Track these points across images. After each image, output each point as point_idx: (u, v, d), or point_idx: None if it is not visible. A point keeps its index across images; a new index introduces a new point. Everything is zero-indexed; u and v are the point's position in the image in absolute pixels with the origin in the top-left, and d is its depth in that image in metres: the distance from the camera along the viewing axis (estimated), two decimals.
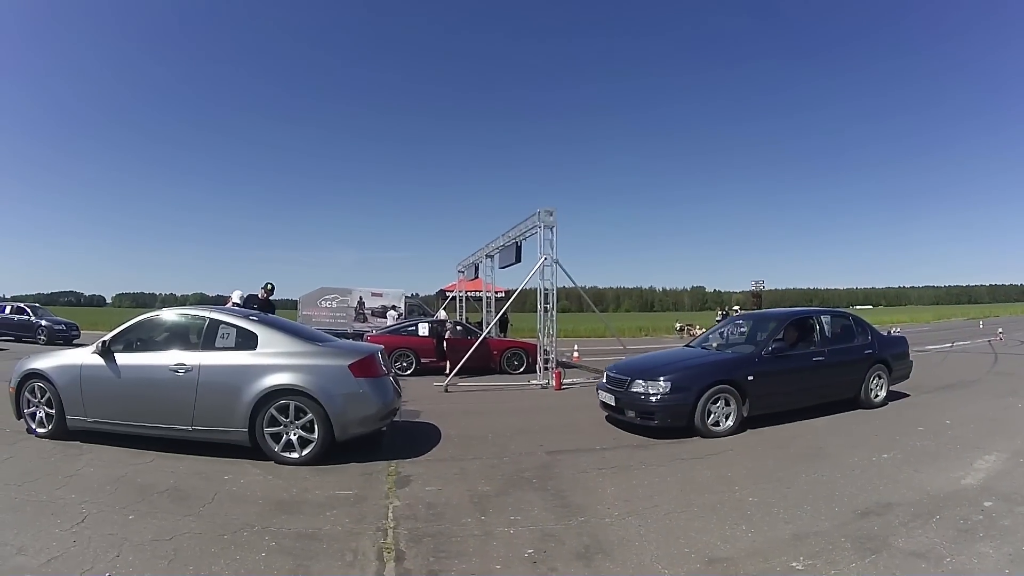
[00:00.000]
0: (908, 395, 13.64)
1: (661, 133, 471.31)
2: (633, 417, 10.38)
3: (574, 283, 19.01)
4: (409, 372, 19.67)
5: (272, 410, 8.29)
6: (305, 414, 8.29)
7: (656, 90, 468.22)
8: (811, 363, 11.61)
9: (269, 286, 14.48)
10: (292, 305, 37.01)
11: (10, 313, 31.82)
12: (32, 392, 9.40)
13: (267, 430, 8.29)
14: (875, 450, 8.77)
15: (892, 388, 13.06)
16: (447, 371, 18.43)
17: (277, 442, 8.32)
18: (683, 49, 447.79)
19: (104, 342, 9.07)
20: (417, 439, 9.94)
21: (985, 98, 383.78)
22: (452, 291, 35.86)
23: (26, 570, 4.87)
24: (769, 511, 6.30)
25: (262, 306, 13.74)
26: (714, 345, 13.00)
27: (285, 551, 5.35)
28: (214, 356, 8.63)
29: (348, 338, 28.74)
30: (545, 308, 17.95)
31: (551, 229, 17.49)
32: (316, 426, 8.28)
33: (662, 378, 10.27)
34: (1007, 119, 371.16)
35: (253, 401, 8.24)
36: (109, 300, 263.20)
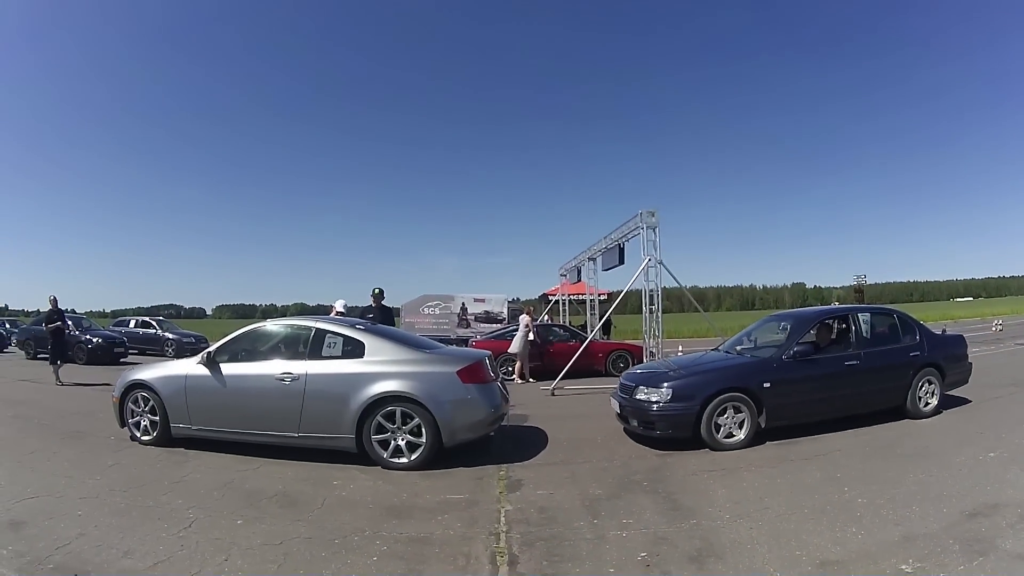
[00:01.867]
0: (969, 400, 12.24)
1: (756, 128, 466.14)
2: (636, 426, 9.91)
3: (679, 284, 18.76)
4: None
5: (379, 417, 8.42)
6: (412, 420, 8.40)
7: (750, 83, 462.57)
8: (843, 368, 10.43)
9: (376, 291, 14.28)
10: (395, 313, 37.29)
11: (135, 327, 32.52)
12: (135, 402, 9.85)
13: (374, 437, 8.43)
14: (981, 449, 8.49)
15: (951, 393, 11.87)
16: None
17: (385, 448, 8.45)
18: (778, 44, 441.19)
19: (209, 353, 9.49)
20: (526, 443, 9.95)
21: None
22: (555, 295, 35.84)
23: (132, 573, 5.00)
24: (878, 512, 6.17)
25: (380, 312, 13.69)
26: (738, 348, 11.98)
27: (396, 555, 5.39)
28: (321, 365, 8.84)
29: (452, 344, 28.91)
30: (650, 309, 17.81)
31: (654, 230, 17.35)
32: (424, 431, 8.38)
33: (664, 385, 9.63)
34: None
35: (361, 408, 8.39)
36: (209, 312, 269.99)
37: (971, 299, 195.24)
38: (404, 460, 8.38)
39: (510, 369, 19.69)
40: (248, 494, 7.19)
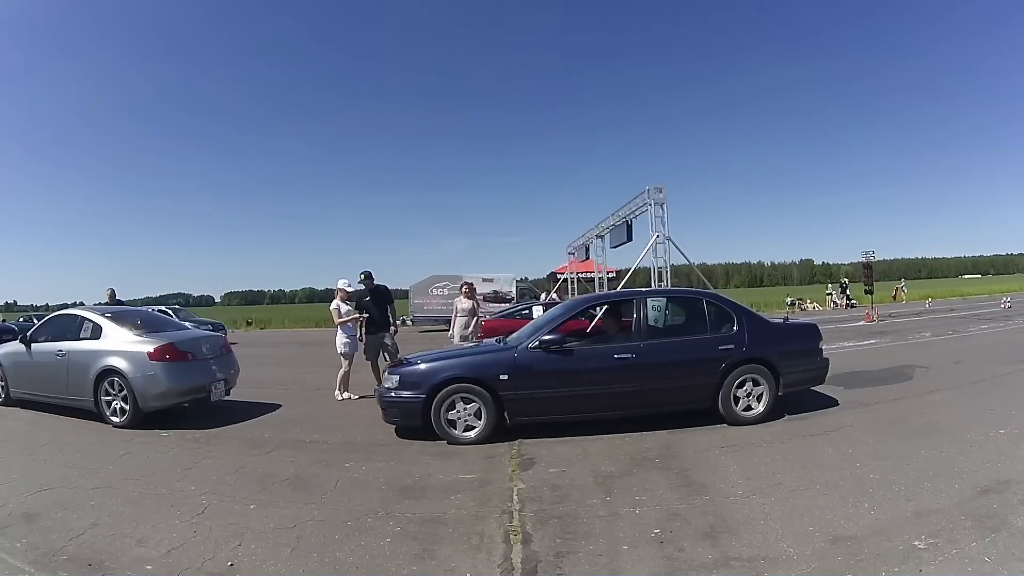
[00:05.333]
0: (836, 401, 10.57)
1: (763, 105, 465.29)
2: (382, 412, 9.64)
3: (688, 260, 18.78)
4: None
5: (106, 384, 10.69)
6: (124, 389, 10.49)
7: (759, 66, 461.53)
8: (612, 362, 9.23)
9: (362, 275, 13.99)
10: (403, 295, 37.23)
11: None
12: None
13: (104, 398, 10.71)
14: (992, 426, 8.43)
15: (817, 390, 10.55)
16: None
17: (108, 408, 10.64)
18: (788, 23, 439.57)
19: (26, 335, 12.58)
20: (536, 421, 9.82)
21: None
22: (563, 273, 35.83)
23: (146, 561, 5.01)
24: (890, 488, 6.18)
25: (373, 295, 13.61)
26: (510, 337, 10.62)
27: (410, 536, 5.43)
28: (78, 344, 11.45)
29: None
30: (659, 286, 17.76)
31: (662, 206, 17.38)
32: (128, 398, 10.42)
33: (397, 372, 9.51)
34: None
35: (94, 377, 10.77)
36: (218, 299, 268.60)
37: (980, 276, 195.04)
38: (118, 419, 10.52)
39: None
40: (261, 478, 7.26)
